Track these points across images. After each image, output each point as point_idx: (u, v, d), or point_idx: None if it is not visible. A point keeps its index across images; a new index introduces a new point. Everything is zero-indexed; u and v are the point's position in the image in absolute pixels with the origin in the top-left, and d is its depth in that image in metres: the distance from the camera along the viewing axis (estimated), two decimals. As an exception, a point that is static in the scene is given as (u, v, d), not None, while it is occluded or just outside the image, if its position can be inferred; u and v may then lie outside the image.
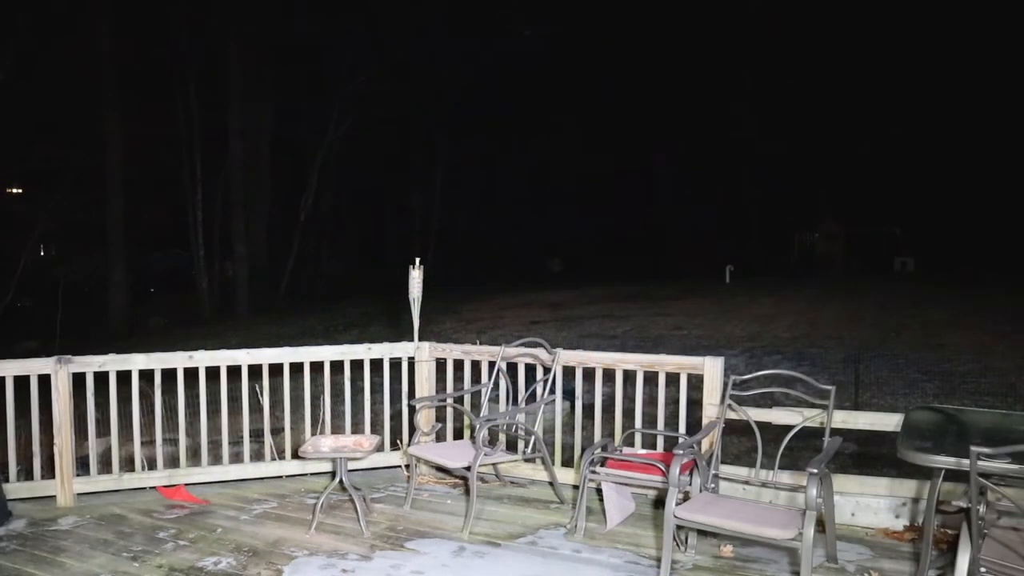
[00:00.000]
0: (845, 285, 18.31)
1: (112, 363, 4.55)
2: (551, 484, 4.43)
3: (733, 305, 14.72)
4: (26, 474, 4.53)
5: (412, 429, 4.62)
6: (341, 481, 4.04)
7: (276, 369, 4.84)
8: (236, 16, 18.43)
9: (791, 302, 14.97)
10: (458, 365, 4.98)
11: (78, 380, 4.49)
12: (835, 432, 3.49)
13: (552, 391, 4.49)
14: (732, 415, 3.74)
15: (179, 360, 4.65)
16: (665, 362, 4.27)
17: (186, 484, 4.66)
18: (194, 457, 4.89)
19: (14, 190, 21.10)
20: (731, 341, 10.85)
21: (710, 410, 4.01)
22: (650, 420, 4.44)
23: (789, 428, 3.60)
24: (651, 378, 4.29)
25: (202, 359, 4.69)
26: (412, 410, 4.78)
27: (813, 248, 27.45)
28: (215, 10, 18.26)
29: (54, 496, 4.45)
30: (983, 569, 2.41)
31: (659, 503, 4.10)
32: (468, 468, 3.98)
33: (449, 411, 5.07)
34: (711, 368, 4.05)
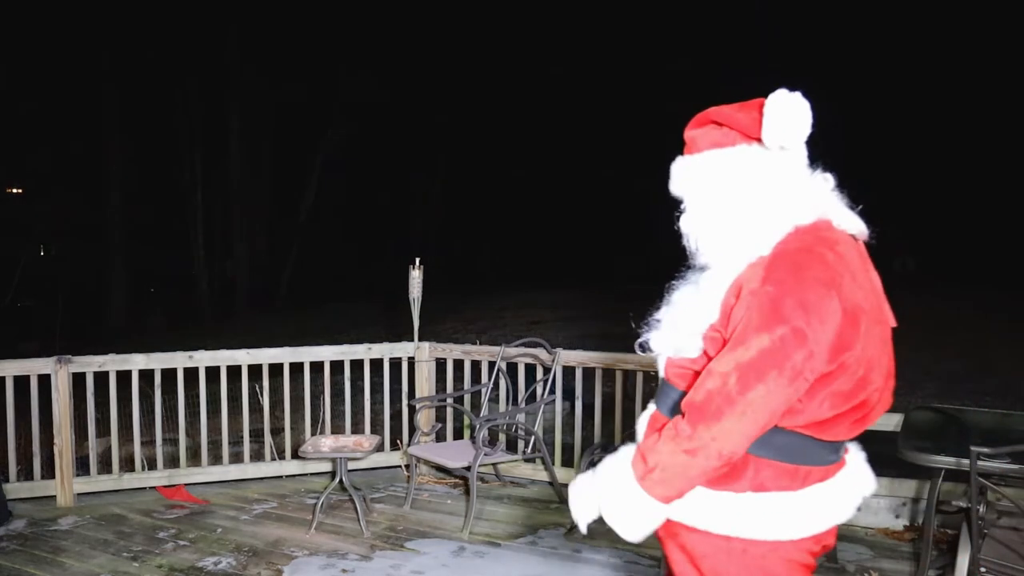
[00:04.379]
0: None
1: (112, 363, 4.55)
2: (551, 484, 4.43)
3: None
4: (26, 474, 4.53)
5: (412, 429, 4.62)
6: (341, 481, 4.04)
7: (276, 369, 4.84)
8: (234, 13, 18.41)
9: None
10: (458, 365, 4.98)
11: (78, 380, 4.49)
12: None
13: (552, 391, 4.49)
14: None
15: (179, 360, 4.65)
16: (665, 362, 4.26)
17: (186, 484, 4.66)
18: (194, 457, 4.89)
19: (14, 190, 21.10)
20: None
21: (710, 410, 4.00)
22: (650, 420, 4.43)
23: (789, 428, 3.60)
24: (651, 378, 4.29)
25: (202, 359, 4.69)
26: (412, 410, 4.78)
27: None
28: (213, 7, 18.24)
29: (54, 496, 4.45)
30: (983, 569, 2.41)
31: (659, 503, 4.10)
32: (468, 468, 3.98)
33: (449, 411, 5.07)
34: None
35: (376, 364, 5.01)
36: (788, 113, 1.47)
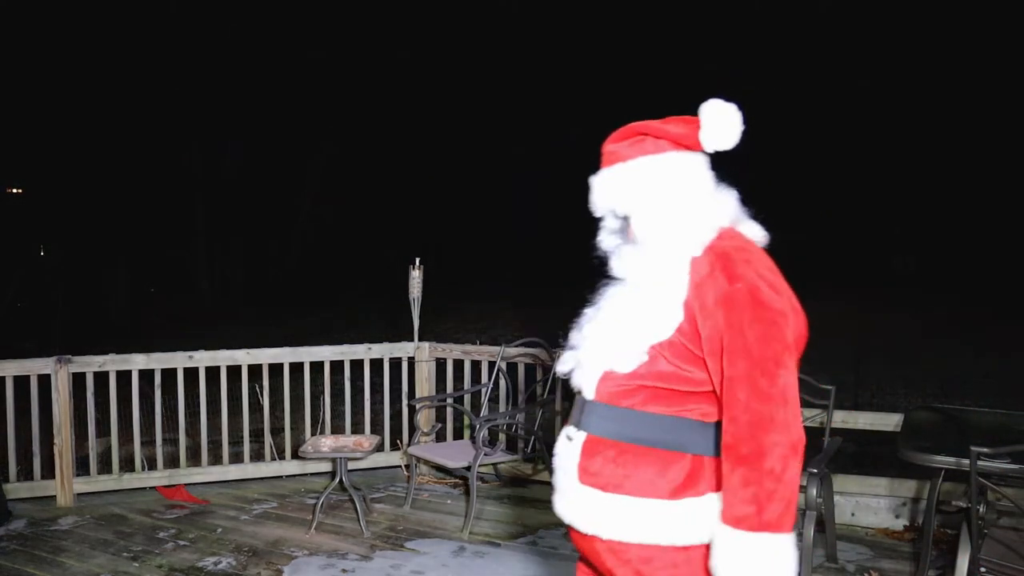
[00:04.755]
0: (844, 284, 18.31)
1: (112, 363, 4.55)
2: (551, 484, 4.42)
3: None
4: (26, 474, 4.53)
5: (412, 429, 4.62)
6: (341, 481, 4.04)
7: (276, 369, 4.84)
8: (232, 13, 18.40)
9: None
10: (458, 365, 4.98)
11: (78, 380, 4.49)
12: (835, 432, 3.49)
13: (552, 391, 4.49)
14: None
15: (179, 360, 4.65)
16: (665, 362, 4.26)
17: (186, 484, 4.67)
18: (194, 457, 4.89)
19: (14, 190, 21.10)
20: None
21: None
22: (650, 420, 4.43)
23: (789, 428, 3.60)
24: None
25: (202, 359, 4.70)
26: (412, 410, 4.78)
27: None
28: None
29: (54, 496, 4.45)
30: (983, 569, 2.41)
31: (659, 503, 4.10)
32: (468, 468, 3.98)
33: (449, 411, 5.07)
34: (711, 368, 4.04)
35: (376, 364, 5.01)
36: (725, 118, 1.58)
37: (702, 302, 1.51)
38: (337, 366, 4.95)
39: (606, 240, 1.74)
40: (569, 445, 1.68)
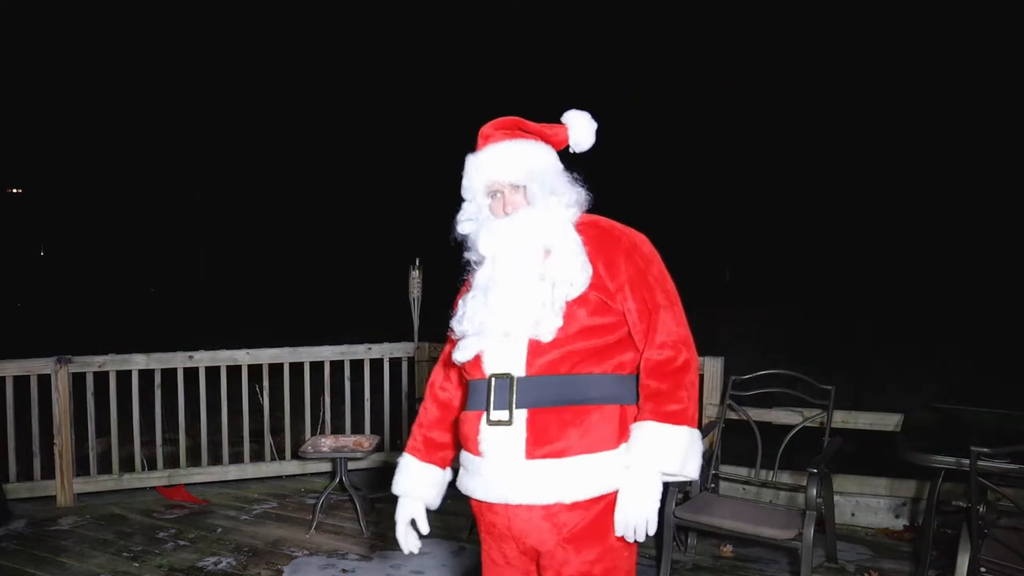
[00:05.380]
0: (845, 284, 18.33)
1: (112, 363, 4.55)
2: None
3: (733, 303, 14.72)
4: (26, 474, 4.53)
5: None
6: (341, 481, 4.04)
7: (276, 369, 4.85)
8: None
9: (791, 301, 14.96)
10: (458, 365, 4.97)
11: (78, 380, 4.49)
12: (835, 432, 3.49)
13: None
14: (732, 415, 3.74)
15: (179, 360, 4.65)
16: (665, 362, 4.25)
17: (186, 484, 4.67)
18: (194, 457, 4.89)
19: (14, 190, 21.09)
20: (731, 340, 10.85)
21: (710, 410, 4.01)
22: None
23: (789, 428, 3.60)
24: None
25: (202, 359, 4.70)
26: (412, 410, 4.77)
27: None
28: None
29: (54, 496, 4.45)
30: (983, 569, 2.41)
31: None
32: (468, 468, 3.97)
33: (449, 411, 5.05)
34: (711, 368, 4.05)
35: (376, 364, 5.01)
36: (587, 124, 1.87)
37: (608, 257, 1.72)
38: (337, 366, 4.95)
39: (464, 225, 1.85)
40: (505, 428, 1.69)
